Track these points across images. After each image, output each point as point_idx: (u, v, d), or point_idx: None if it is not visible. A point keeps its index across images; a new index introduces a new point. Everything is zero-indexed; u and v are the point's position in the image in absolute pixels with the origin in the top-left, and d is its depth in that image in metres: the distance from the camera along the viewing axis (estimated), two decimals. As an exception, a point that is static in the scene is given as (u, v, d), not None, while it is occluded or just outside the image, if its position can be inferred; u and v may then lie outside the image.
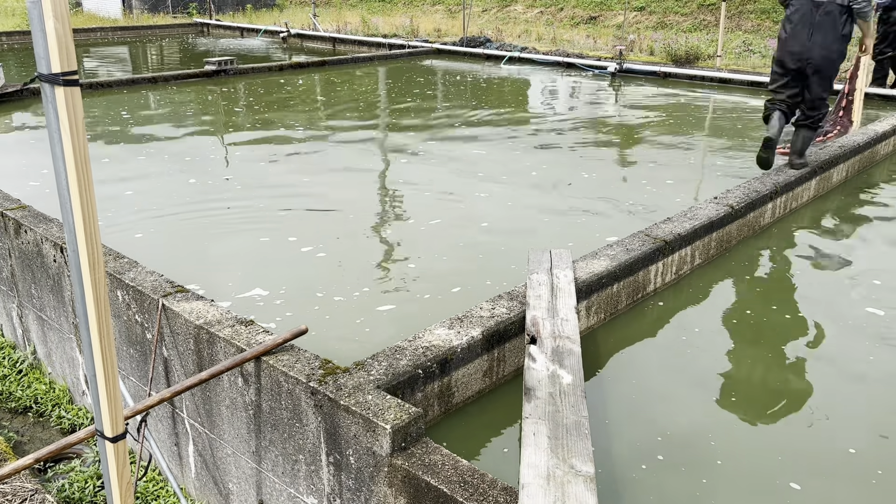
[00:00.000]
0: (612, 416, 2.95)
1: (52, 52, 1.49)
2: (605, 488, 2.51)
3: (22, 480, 3.18)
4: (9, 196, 4.44)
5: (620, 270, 3.68)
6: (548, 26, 18.40)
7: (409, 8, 23.23)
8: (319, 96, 10.31)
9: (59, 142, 1.56)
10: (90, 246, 1.64)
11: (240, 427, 2.84)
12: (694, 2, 18.08)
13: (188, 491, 3.37)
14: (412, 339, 2.84)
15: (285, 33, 17.61)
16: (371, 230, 4.99)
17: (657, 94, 10.45)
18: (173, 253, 4.54)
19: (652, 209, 5.35)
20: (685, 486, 2.59)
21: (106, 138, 7.62)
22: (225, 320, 2.89)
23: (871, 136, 6.76)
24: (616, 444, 2.78)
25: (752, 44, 14.42)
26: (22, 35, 17.35)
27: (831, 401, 3.11)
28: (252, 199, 5.59)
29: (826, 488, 2.60)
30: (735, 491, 2.56)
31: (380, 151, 7.27)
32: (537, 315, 3.06)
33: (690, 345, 3.56)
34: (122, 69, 13.68)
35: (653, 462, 2.69)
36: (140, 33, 19.90)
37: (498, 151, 7.16)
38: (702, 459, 2.72)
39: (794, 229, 5.15)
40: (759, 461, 2.70)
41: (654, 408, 3.03)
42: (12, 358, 4.49)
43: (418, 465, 2.18)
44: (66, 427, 3.93)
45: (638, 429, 2.88)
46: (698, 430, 2.90)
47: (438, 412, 2.86)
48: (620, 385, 3.20)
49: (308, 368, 2.54)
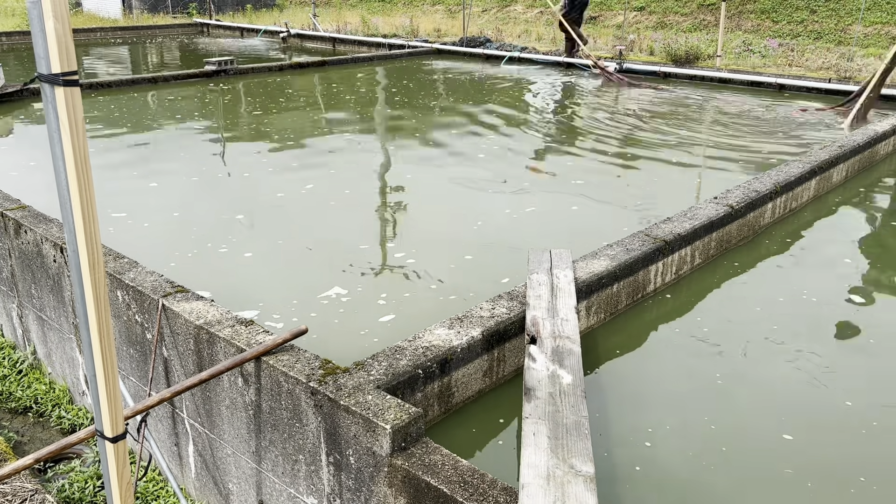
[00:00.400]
0: (612, 416, 2.95)
1: (52, 53, 1.48)
2: (605, 488, 2.51)
3: (22, 480, 3.18)
4: (9, 196, 4.44)
5: (620, 270, 3.68)
6: (548, 26, 18.40)
7: (409, 8, 23.23)
8: (319, 96, 10.31)
9: (59, 142, 1.56)
10: (90, 246, 1.64)
11: (240, 427, 2.84)
12: (694, 2, 18.08)
13: (188, 491, 3.37)
14: (412, 339, 2.84)
15: (285, 33, 17.61)
16: (371, 230, 4.99)
17: (657, 94, 10.45)
18: (173, 253, 4.54)
19: (652, 209, 5.35)
20: (685, 485, 2.59)
21: (105, 138, 7.61)
22: (225, 320, 2.89)
23: (871, 136, 6.76)
24: (616, 444, 2.78)
25: (751, 44, 14.42)
26: (22, 35, 17.35)
27: (832, 401, 3.12)
28: (251, 200, 5.59)
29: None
30: (736, 490, 2.56)
31: (379, 151, 7.27)
32: (537, 315, 3.06)
33: (690, 345, 3.56)
34: (123, 69, 13.68)
35: (653, 462, 2.69)
36: (140, 33, 19.90)
37: (498, 151, 7.17)
38: (702, 459, 2.72)
39: (793, 229, 5.15)
40: (760, 461, 2.70)
41: (654, 408, 3.03)
42: (12, 358, 4.49)
43: (418, 465, 2.18)
44: (66, 427, 3.93)
45: (638, 429, 2.88)
46: (698, 429, 2.90)
47: (438, 412, 2.86)
48: (620, 385, 3.20)
49: (308, 368, 2.54)
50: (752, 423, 2.94)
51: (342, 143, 7.56)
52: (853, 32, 15.00)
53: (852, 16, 15.61)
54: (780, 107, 9.51)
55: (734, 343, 3.59)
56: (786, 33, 15.90)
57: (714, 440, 2.82)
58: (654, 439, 2.81)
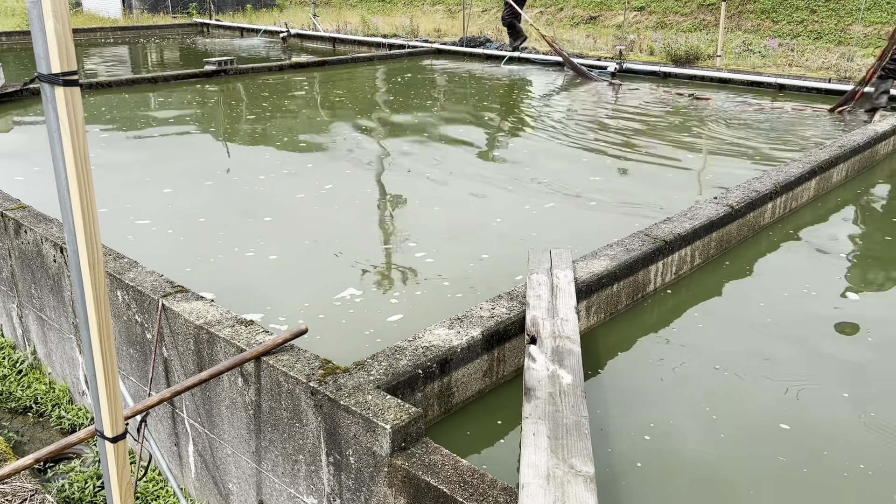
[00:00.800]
0: (612, 416, 2.95)
1: (52, 53, 1.48)
2: (605, 488, 2.51)
3: (22, 480, 3.18)
4: (9, 196, 4.44)
5: (620, 270, 3.68)
6: (548, 26, 18.41)
7: (409, 8, 23.23)
8: (319, 96, 10.31)
9: (59, 142, 1.56)
10: (90, 246, 1.64)
11: (240, 427, 2.84)
12: (694, 2, 18.08)
13: (188, 491, 3.37)
14: (412, 339, 2.84)
15: (285, 33, 17.60)
16: (371, 230, 4.99)
17: (657, 93, 10.45)
18: (172, 254, 4.54)
19: (652, 208, 5.35)
20: (686, 484, 2.59)
21: (105, 138, 7.61)
22: (225, 320, 2.89)
23: (871, 136, 6.76)
24: (616, 444, 2.78)
25: (751, 44, 14.42)
26: (22, 35, 17.35)
27: (832, 399, 3.12)
28: (251, 200, 5.59)
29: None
30: (736, 489, 2.56)
31: (379, 151, 7.27)
32: (537, 315, 3.06)
33: (691, 344, 3.56)
34: (123, 69, 13.68)
35: (653, 461, 2.69)
36: (140, 33, 19.89)
37: (498, 151, 7.16)
38: (702, 459, 2.72)
39: (793, 229, 5.15)
40: (760, 460, 2.70)
41: (654, 407, 3.03)
42: (12, 358, 4.49)
43: (418, 465, 2.18)
44: (66, 427, 3.93)
45: (638, 429, 2.88)
46: (699, 429, 2.90)
47: (438, 412, 2.86)
48: (620, 385, 3.20)
49: (308, 368, 2.54)
50: (752, 423, 2.94)
51: (341, 143, 7.56)
52: (853, 32, 15.00)
53: (852, 16, 15.60)
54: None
55: (734, 343, 3.59)
56: (786, 33, 15.89)
57: (714, 439, 2.82)
58: (655, 439, 2.81)
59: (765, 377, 3.27)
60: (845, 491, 2.58)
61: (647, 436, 2.84)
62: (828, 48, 14.36)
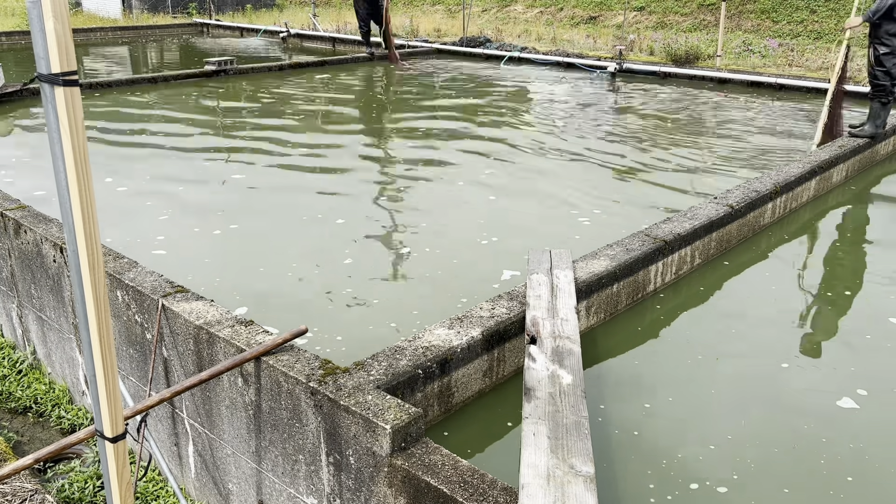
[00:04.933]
0: (612, 416, 2.95)
1: (51, 53, 1.48)
2: (605, 488, 2.51)
3: (22, 480, 3.18)
4: (9, 196, 4.44)
5: (620, 270, 3.68)
6: (548, 26, 18.40)
7: (409, 8, 23.22)
8: (319, 96, 10.30)
9: (59, 142, 1.55)
10: (90, 246, 1.63)
11: (240, 427, 2.84)
12: (694, 2, 18.08)
13: (188, 491, 3.37)
14: (412, 340, 2.84)
15: (285, 33, 17.60)
16: (370, 230, 4.99)
17: (657, 94, 10.44)
18: (172, 254, 4.54)
19: (652, 209, 5.35)
20: (686, 484, 2.59)
21: (104, 138, 7.61)
22: (224, 320, 2.89)
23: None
24: (616, 444, 2.78)
25: (751, 44, 14.42)
26: (22, 35, 17.34)
27: (836, 396, 3.11)
28: (250, 200, 5.59)
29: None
30: (736, 489, 2.56)
31: (379, 151, 7.26)
32: (537, 315, 3.06)
33: (690, 345, 3.56)
34: (123, 69, 13.67)
35: (653, 461, 2.69)
36: (140, 33, 19.88)
37: (498, 151, 7.16)
38: (702, 458, 2.72)
39: (793, 229, 5.15)
40: (761, 460, 2.70)
41: (653, 408, 3.03)
42: (12, 358, 4.49)
43: (418, 465, 2.18)
44: (66, 427, 3.93)
45: (638, 428, 2.88)
46: (699, 429, 2.90)
47: (438, 412, 2.86)
48: (620, 385, 3.19)
49: (308, 368, 2.54)
50: (752, 422, 2.94)
51: (341, 143, 7.56)
52: (853, 32, 14.97)
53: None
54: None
55: (734, 343, 3.59)
56: (786, 33, 15.89)
57: (714, 439, 2.82)
58: (655, 439, 2.81)
59: (766, 377, 3.27)
60: (851, 489, 2.58)
61: (647, 435, 2.83)
62: (828, 48, 14.36)
